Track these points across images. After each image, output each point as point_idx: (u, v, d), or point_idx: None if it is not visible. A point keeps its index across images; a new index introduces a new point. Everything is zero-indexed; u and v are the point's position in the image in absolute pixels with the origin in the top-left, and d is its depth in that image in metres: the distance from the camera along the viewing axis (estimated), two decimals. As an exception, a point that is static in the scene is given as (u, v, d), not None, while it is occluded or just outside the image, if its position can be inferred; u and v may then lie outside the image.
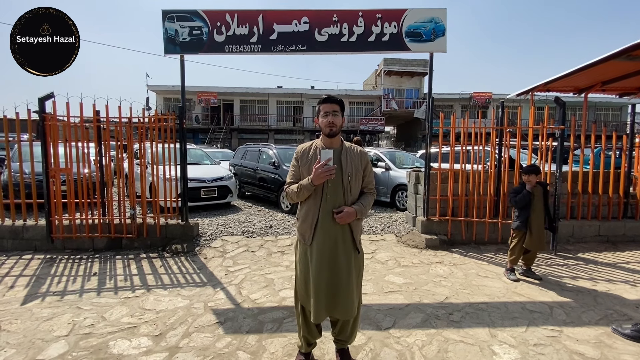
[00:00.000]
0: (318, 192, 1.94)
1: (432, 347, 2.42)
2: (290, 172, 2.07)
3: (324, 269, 1.92)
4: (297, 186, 1.96)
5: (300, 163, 2.02)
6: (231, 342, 2.47)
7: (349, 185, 1.95)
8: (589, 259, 4.41)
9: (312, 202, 1.96)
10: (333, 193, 1.93)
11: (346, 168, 1.95)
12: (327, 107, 1.94)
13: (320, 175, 1.83)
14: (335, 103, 1.95)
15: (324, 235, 1.92)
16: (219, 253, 4.52)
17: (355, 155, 2.01)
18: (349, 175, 1.95)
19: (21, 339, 2.49)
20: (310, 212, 1.96)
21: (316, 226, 1.93)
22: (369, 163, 2.07)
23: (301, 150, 2.05)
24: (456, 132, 4.90)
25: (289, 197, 2.04)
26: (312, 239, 1.95)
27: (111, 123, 4.65)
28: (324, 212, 1.93)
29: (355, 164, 1.99)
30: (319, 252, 1.93)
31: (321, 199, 1.93)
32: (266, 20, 4.79)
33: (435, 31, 4.82)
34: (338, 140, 2.01)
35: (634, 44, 3.49)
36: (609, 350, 2.40)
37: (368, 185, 2.07)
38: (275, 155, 7.76)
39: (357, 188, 2.01)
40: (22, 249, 4.54)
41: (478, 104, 27.73)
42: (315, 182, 1.86)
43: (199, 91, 26.25)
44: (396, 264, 4.16)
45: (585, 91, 5.52)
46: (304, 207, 2.01)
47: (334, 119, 1.93)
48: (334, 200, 1.93)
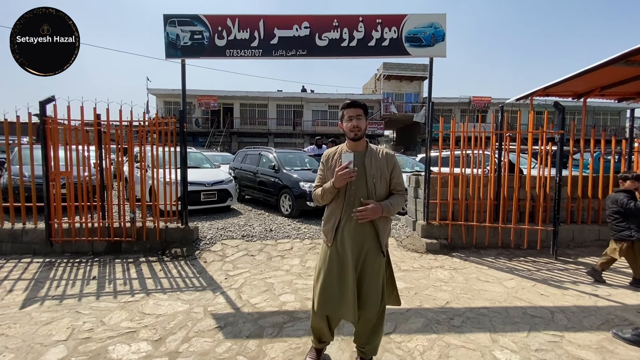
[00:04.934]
0: (341, 194, 1.96)
1: (433, 352, 2.41)
2: (318, 176, 2.13)
3: (344, 270, 1.93)
4: (321, 189, 2.00)
5: (326, 167, 2.07)
6: (231, 347, 2.46)
7: (374, 188, 1.96)
8: (589, 263, 4.40)
9: (335, 204, 2.00)
10: (357, 195, 1.94)
11: (370, 170, 1.96)
12: (352, 112, 1.96)
13: (341, 177, 1.85)
14: (359, 107, 1.98)
15: (346, 237, 1.94)
16: (219, 257, 4.50)
17: (380, 158, 2.01)
18: (374, 177, 1.96)
19: (20, 343, 2.47)
20: (334, 213, 1.99)
21: (337, 227, 1.96)
22: (396, 165, 2.05)
23: (327, 155, 2.10)
24: (456, 136, 4.91)
25: (315, 200, 2.09)
26: (333, 240, 1.97)
27: (112, 126, 4.65)
28: (347, 213, 1.94)
29: (381, 165, 1.99)
30: (340, 253, 1.95)
31: (344, 201, 1.95)
32: (267, 25, 4.81)
33: (435, 36, 4.86)
34: (363, 143, 2.03)
35: (633, 50, 3.51)
36: (610, 356, 2.39)
37: (397, 187, 2.05)
38: (275, 159, 7.77)
39: (383, 190, 2.00)
40: (21, 253, 4.52)
41: (477, 108, 27.81)
42: (337, 184, 1.89)
43: (199, 95, 26.29)
44: (396, 268, 4.15)
45: (584, 96, 5.54)
46: (328, 209, 2.05)
47: (359, 123, 1.95)
48: (358, 203, 1.94)
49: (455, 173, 4.99)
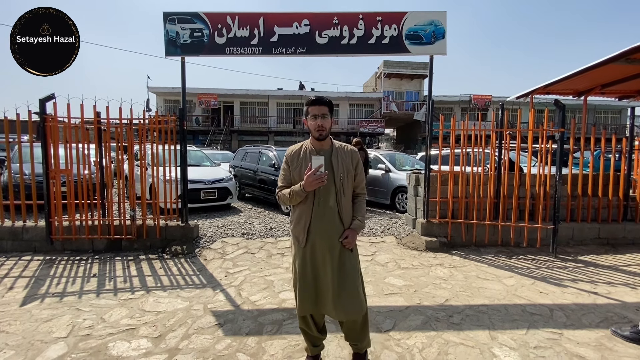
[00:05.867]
0: (310, 196, 1.92)
1: (432, 350, 2.42)
2: (281, 175, 2.04)
3: (319, 270, 1.93)
4: (289, 192, 1.94)
5: (291, 167, 1.99)
6: (231, 343, 2.47)
7: (342, 187, 1.94)
8: (588, 261, 4.40)
9: (305, 205, 1.94)
10: (326, 195, 1.92)
11: (338, 169, 1.93)
12: (316, 110, 1.88)
13: (312, 182, 1.81)
14: (324, 105, 1.89)
15: (318, 237, 1.92)
16: (219, 255, 4.51)
17: (346, 155, 1.99)
18: (341, 176, 1.94)
19: (20, 340, 2.48)
20: (304, 214, 1.94)
21: (309, 228, 1.92)
22: (359, 161, 2.04)
23: (291, 153, 2.01)
24: (456, 134, 4.91)
25: (281, 201, 2.03)
26: (305, 242, 1.94)
27: (112, 124, 4.65)
28: (317, 214, 1.92)
29: (347, 163, 1.97)
30: (314, 254, 1.93)
31: (313, 202, 1.92)
32: (267, 22, 4.80)
33: (435, 34, 4.84)
34: (328, 142, 1.98)
35: (633, 47, 3.50)
36: (609, 353, 2.39)
37: (360, 185, 2.05)
38: (275, 157, 7.77)
39: (350, 188, 1.99)
40: (21, 250, 4.54)
41: (478, 106, 27.77)
42: (307, 189, 1.84)
43: (200, 93, 26.28)
44: (396, 266, 4.15)
45: (584, 94, 5.53)
46: (297, 210, 1.99)
47: (323, 122, 1.88)
48: (327, 203, 1.92)
49: (455, 171, 4.99)
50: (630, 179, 5.22)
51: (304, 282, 1.95)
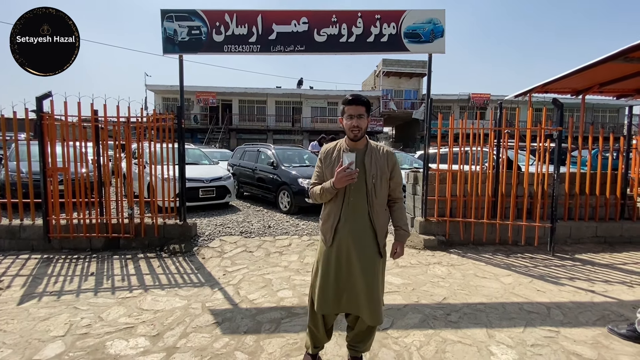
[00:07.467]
0: (340, 194, 1.90)
1: (430, 348, 2.43)
2: (315, 172, 2.04)
3: (343, 271, 1.90)
4: (319, 188, 1.93)
5: (324, 164, 1.97)
6: (229, 342, 2.47)
7: (374, 188, 1.89)
8: (586, 259, 4.42)
9: (334, 204, 1.92)
10: (356, 195, 1.88)
11: (370, 170, 1.88)
12: (352, 110, 1.84)
13: (342, 179, 1.78)
14: (362, 104, 1.85)
15: (345, 237, 1.88)
16: (217, 253, 4.51)
17: (381, 156, 1.93)
18: (374, 177, 1.88)
19: (18, 339, 2.48)
20: (332, 213, 1.92)
21: (337, 228, 1.90)
22: (396, 164, 1.97)
23: (325, 151, 2.00)
24: (454, 133, 4.91)
25: (313, 198, 2.02)
26: (332, 241, 1.91)
27: (109, 122, 4.63)
28: (346, 214, 1.89)
29: (381, 165, 1.91)
30: (339, 254, 1.90)
31: (343, 202, 1.90)
32: (265, 20, 4.78)
33: (434, 32, 4.83)
34: (363, 142, 1.94)
35: (631, 46, 3.51)
36: (606, 351, 2.41)
37: (396, 189, 1.98)
38: (273, 156, 7.76)
39: (383, 191, 1.93)
40: (19, 249, 4.52)
41: (476, 105, 27.80)
42: (337, 185, 1.82)
43: (198, 91, 26.20)
44: (394, 264, 4.16)
45: (582, 93, 5.54)
46: (327, 208, 1.98)
47: (359, 122, 1.84)
48: (357, 203, 1.89)
49: (454, 170, 4.99)
50: (628, 178, 5.24)
51: (325, 282, 1.92)
